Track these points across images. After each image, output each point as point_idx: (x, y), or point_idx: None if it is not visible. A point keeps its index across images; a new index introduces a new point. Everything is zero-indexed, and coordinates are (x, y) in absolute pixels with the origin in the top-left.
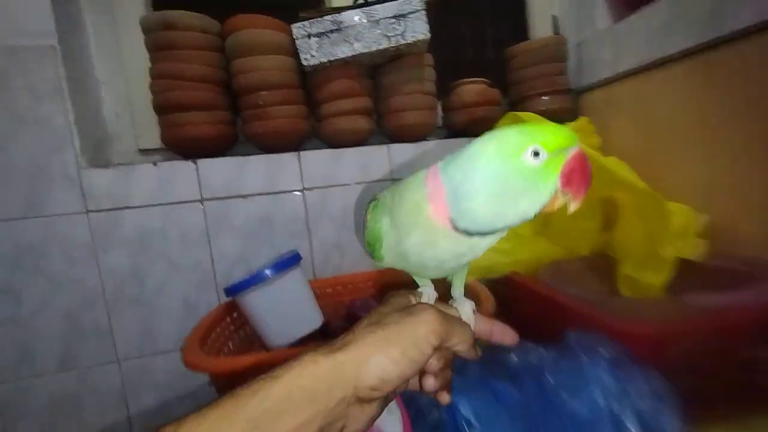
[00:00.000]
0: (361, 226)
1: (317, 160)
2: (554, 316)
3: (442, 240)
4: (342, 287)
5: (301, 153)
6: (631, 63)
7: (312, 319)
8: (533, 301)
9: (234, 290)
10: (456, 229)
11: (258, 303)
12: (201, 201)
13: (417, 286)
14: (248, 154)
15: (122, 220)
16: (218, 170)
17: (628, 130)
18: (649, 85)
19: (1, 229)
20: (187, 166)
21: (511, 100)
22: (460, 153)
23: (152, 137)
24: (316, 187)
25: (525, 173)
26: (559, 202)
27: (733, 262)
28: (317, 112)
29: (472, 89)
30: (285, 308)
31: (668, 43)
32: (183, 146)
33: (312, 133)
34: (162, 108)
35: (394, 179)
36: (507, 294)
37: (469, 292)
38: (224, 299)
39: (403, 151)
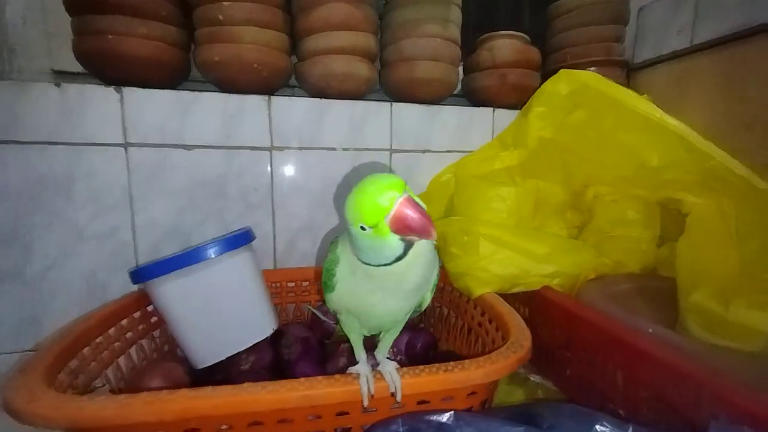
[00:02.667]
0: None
1: (295, 110)
2: (607, 359)
3: (360, 268)
4: (309, 283)
5: (273, 98)
6: (714, 31)
7: (260, 324)
8: (578, 332)
9: (144, 274)
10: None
11: (180, 297)
12: (124, 146)
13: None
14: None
15: (5, 159)
16: (153, 106)
17: (705, 116)
18: (737, 60)
19: None
20: (107, 94)
21: (548, 70)
22: None
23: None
24: (289, 147)
25: (365, 236)
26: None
27: None
28: (301, 45)
29: (508, 45)
30: (221, 307)
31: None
32: (104, 66)
33: (291, 73)
34: (74, 5)
35: (393, 150)
36: (533, 317)
37: (495, 317)
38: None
39: (410, 115)
